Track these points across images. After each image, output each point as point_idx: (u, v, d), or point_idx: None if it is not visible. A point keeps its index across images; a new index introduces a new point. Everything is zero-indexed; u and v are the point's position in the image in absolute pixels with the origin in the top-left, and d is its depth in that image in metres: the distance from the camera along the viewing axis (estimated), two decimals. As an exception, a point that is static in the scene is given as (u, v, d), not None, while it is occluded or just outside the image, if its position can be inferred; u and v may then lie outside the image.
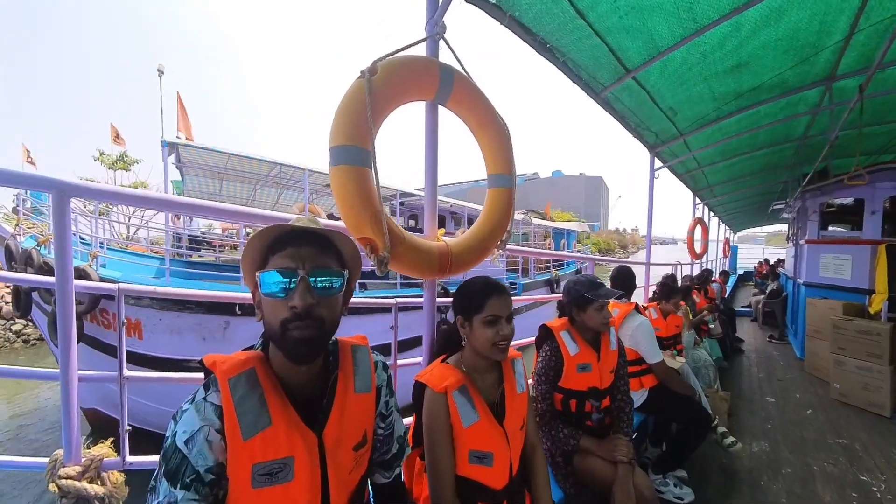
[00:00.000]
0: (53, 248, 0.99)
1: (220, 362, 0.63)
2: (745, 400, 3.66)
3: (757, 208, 9.89)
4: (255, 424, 0.59)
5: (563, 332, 1.61)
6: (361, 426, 0.71)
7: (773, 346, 5.66)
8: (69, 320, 1.02)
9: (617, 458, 1.40)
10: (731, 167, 5.30)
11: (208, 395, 0.60)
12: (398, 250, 1.23)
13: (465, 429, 1.03)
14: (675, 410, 2.16)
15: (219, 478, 0.57)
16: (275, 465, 0.59)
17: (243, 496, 0.58)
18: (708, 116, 3.24)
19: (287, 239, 0.65)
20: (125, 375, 1.23)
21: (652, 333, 2.16)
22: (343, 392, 0.70)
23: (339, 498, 0.66)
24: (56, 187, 0.97)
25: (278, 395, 0.63)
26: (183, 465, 0.55)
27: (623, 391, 1.64)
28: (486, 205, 1.56)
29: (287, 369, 0.66)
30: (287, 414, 0.62)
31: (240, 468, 0.57)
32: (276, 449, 0.60)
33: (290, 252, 0.64)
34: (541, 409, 1.53)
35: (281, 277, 0.62)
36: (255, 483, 0.58)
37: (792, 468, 2.50)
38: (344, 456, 0.67)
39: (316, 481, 0.63)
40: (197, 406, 0.59)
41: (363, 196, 1.14)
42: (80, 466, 1.05)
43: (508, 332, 1.04)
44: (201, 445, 0.56)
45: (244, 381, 0.62)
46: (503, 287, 1.10)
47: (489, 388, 1.13)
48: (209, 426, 0.57)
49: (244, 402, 0.60)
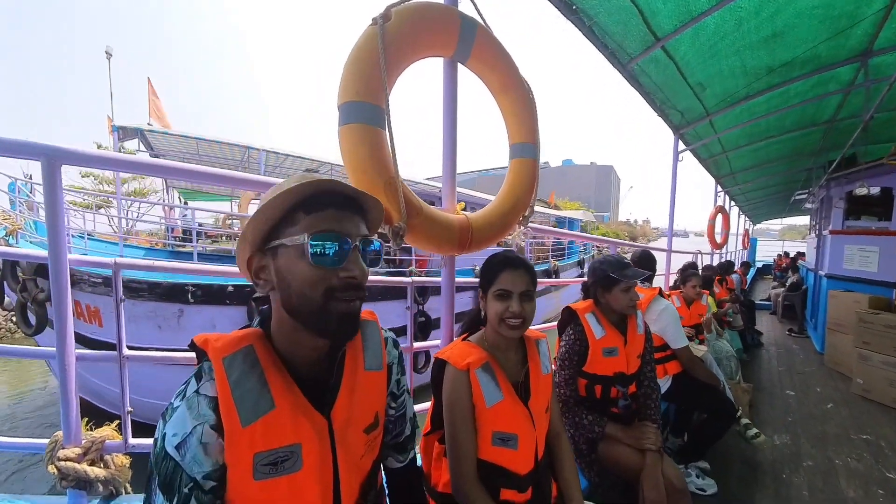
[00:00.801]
0: (45, 219, 0.96)
1: (212, 340, 0.57)
2: (765, 393, 3.66)
3: (779, 198, 9.76)
4: (256, 408, 0.53)
5: (587, 314, 1.57)
6: (372, 406, 0.67)
7: (793, 340, 5.64)
8: (64, 296, 0.99)
9: (645, 445, 1.38)
10: (756, 152, 5.19)
11: (201, 386, 0.54)
12: (415, 221, 1.17)
13: (489, 408, 0.99)
14: (700, 399, 2.14)
15: (222, 481, 0.52)
16: (280, 453, 0.54)
17: (245, 489, 0.52)
18: (737, 94, 3.15)
19: (322, 200, 0.58)
20: (125, 354, 1.20)
21: (677, 317, 2.14)
22: (352, 369, 0.65)
23: (350, 486, 0.62)
24: (45, 154, 0.93)
25: (281, 374, 0.58)
26: (177, 474, 0.49)
27: (650, 377, 1.61)
28: (508, 177, 1.50)
29: (292, 347, 0.60)
30: (292, 396, 0.57)
31: (239, 458, 0.52)
32: (281, 435, 0.54)
33: (334, 214, 0.58)
34: (564, 396, 1.50)
35: (338, 241, 0.57)
36: (258, 474, 0.52)
37: (813, 462, 2.51)
38: (354, 438, 0.63)
39: (327, 470, 0.59)
40: (189, 402, 0.52)
41: (377, 160, 1.08)
42: (80, 448, 1.03)
43: (518, 310, 1.00)
44: (195, 450, 0.50)
45: (241, 359, 0.56)
46: (522, 262, 1.05)
47: (513, 367, 1.09)
48: (203, 424, 0.51)
49: (242, 383, 0.54)
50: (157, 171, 1.26)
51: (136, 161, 1.13)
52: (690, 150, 4.06)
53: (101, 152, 1.08)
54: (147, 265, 1.40)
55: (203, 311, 4.28)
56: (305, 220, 0.57)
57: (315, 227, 0.57)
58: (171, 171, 1.31)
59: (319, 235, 0.56)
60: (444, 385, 1.03)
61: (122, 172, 6.74)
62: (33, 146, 0.94)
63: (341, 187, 0.59)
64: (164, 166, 1.26)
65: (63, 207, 0.98)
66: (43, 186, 0.94)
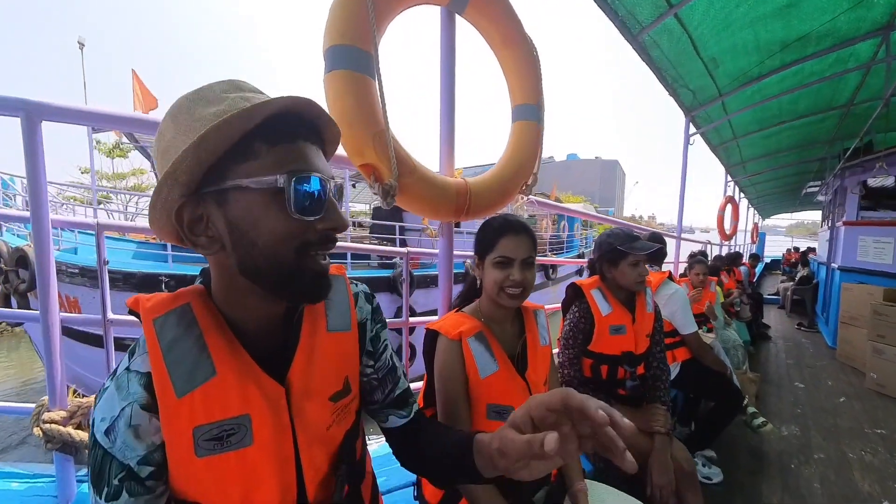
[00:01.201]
0: (27, 178, 0.93)
1: (143, 300, 0.49)
2: (773, 385, 3.62)
3: (790, 190, 9.67)
4: (192, 376, 0.45)
5: (593, 290, 1.50)
6: (340, 371, 0.58)
7: (802, 334, 5.59)
8: (47, 259, 0.97)
9: (654, 428, 1.32)
10: (768, 139, 5.10)
11: (132, 361, 0.47)
12: (407, 181, 1.11)
13: (483, 379, 0.93)
14: (708, 386, 2.10)
15: (162, 463, 0.45)
16: (225, 426, 0.46)
17: (188, 469, 0.45)
18: (750, 72, 3.06)
19: (287, 126, 0.47)
20: (109, 318, 1.17)
21: (687, 302, 2.09)
22: (310, 331, 0.56)
23: (315, 461, 0.54)
24: (24, 109, 0.89)
25: (224, 336, 0.49)
26: (106, 462, 0.43)
27: (659, 358, 1.55)
28: (510, 141, 1.43)
29: (241, 312, 0.51)
30: (237, 361, 0.48)
31: (177, 434, 0.44)
32: (225, 406, 0.46)
33: (303, 148, 0.47)
34: (567, 377, 1.43)
35: (320, 184, 0.47)
36: (200, 451, 0.45)
37: (825, 454, 2.47)
38: (316, 408, 0.54)
39: (285, 443, 0.51)
40: (118, 381, 0.46)
41: (364, 111, 1.01)
42: (65, 412, 1.04)
43: (520, 278, 0.93)
44: (125, 435, 0.43)
45: (175, 320, 0.48)
46: (523, 226, 0.98)
47: (509, 338, 1.03)
48: (132, 404, 0.44)
49: (176, 347, 0.46)
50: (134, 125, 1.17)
51: (117, 115, 1.06)
52: (701, 133, 3.97)
53: (81, 106, 1.03)
54: (128, 226, 1.37)
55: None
56: (270, 153, 0.45)
57: (290, 163, 0.45)
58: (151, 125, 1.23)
59: (301, 176, 0.45)
60: (436, 357, 0.97)
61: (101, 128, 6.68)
62: (11, 101, 0.90)
63: (317, 110, 0.49)
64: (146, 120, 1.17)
65: (44, 166, 0.95)
66: (23, 144, 0.91)
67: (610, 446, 0.38)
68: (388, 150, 1.04)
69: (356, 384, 0.62)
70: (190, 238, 0.47)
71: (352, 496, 0.60)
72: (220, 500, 0.47)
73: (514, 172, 1.39)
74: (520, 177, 1.40)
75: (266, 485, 0.49)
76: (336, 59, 0.99)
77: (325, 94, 1.03)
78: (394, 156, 1.05)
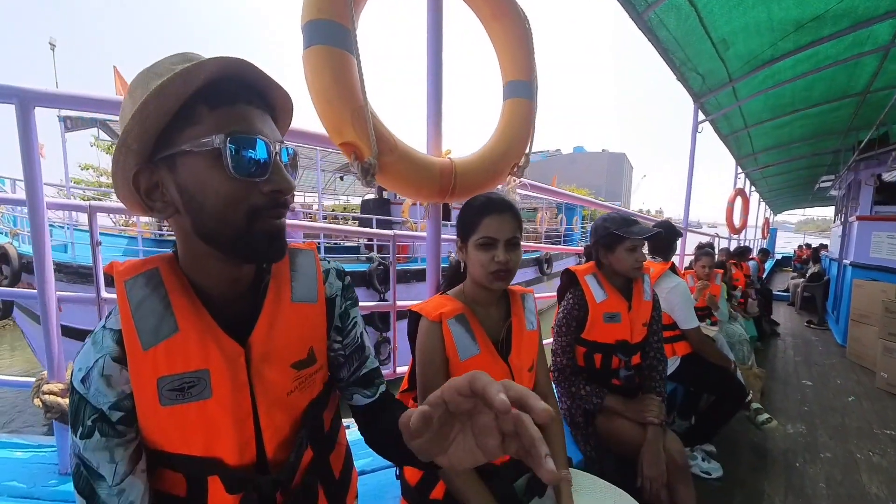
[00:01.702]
0: (21, 163, 0.99)
1: (118, 264, 0.54)
2: (780, 382, 3.59)
3: (802, 184, 9.55)
4: (157, 331, 0.50)
5: (588, 276, 1.47)
6: (304, 341, 0.61)
7: (812, 332, 5.54)
8: (43, 240, 1.04)
9: (647, 419, 1.29)
10: (780, 129, 5.01)
11: (107, 321, 0.52)
12: (388, 159, 1.10)
13: (463, 362, 0.92)
14: (709, 381, 2.06)
15: (131, 409, 0.50)
16: (185, 378, 0.51)
17: (153, 416, 0.50)
18: (762, 55, 2.98)
19: (228, 89, 0.48)
20: (103, 297, 1.27)
21: (688, 296, 2.04)
22: (274, 300, 0.59)
23: (274, 421, 0.57)
24: (17, 96, 0.94)
25: (188, 297, 0.53)
26: (81, 406, 0.48)
27: (656, 348, 1.52)
28: (501, 119, 1.39)
29: (207, 276, 0.55)
30: (199, 320, 0.52)
31: (143, 384, 0.49)
32: (186, 360, 0.51)
33: (244, 111, 0.49)
34: (560, 364, 1.41)
35: (260, 145, 0.48)
36: (164, 400, 0.50)
37: (832, 454, 2.44)
38: (276, 373, 0.57)
39: (243, 401, 0.54)
40: (94, 337, 0.51)
41: (343, 87, 1.01)
42: (63, 384, 1.12)
43: (505, 259, 0.91)
44: (98, 382, 0.48)
45: (143, 282, 0.52)
46: (507, 205, 0.95)
47: (494, 323, 1.01)
48: (104, 356, 0.49)
49: (143, 305, 0.51)
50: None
51: (107, 99, 1.06)
52: (710, 121, 3.89)
53: (74, 91, 1.06)
54: (118, 208, 1.43)
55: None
56: (211, 116, 0.47)
57: (229, 125, 0.47)
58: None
59: (240, 137, 0.47)
60: (417, 339, 0.96)
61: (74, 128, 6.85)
62: (4, 88, 0.95)
63: (253, 70, 0.49)
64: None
65: (38, 151, 1.00)
66: (17, 130, 0.97)
67: (529, 448, 0.34)
68: (368, 128, 1.03)
69: (323, 356, 0.64)
70: (147, 203, 0.51)
71: (318, 463, 0.64)
72: (183, 448, 0.52)
73: (504, 152, 1.35)
74: (510, 157, 1.36)
75: (225, 437, 0.53)
76: (314, 34, 0.99)
77: (304, 70, 1.03)
78: (373, 133, 1.04)
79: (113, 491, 0.49)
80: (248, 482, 0.55)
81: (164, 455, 0.52)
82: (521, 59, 1.35)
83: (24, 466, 1.20)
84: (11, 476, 1.14)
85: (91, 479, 0.48)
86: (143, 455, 0.52)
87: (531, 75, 1.37)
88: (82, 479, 0.49)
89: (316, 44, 0.99)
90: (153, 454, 0.52)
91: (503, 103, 1.40)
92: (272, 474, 0.57)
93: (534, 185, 1.65)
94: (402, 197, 8.83)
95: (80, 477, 0.49)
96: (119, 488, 0.49)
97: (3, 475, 1.15)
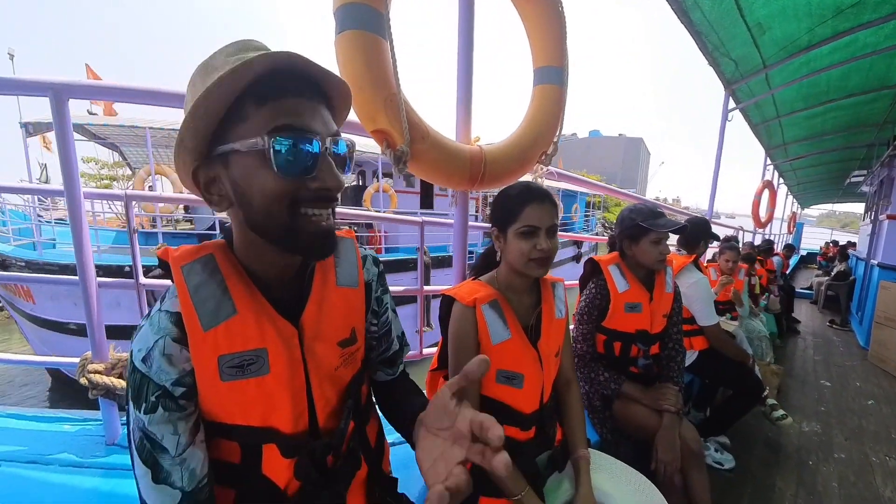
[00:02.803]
0: (58, 153, 1.07)
1: (172, 251, 0.57)
2: (798, 380, 3.65)
3: (832, 178, 9.41)
4: (216, 313, 0.54)
5: (611, 266, 1.54)
6: (348, 322, 0.68)
7: (834, 332, 5.56)
8: (81, 227, 1.12)
9: (663, 406, 1.37)
10: (813, 119, 4.96)
11: (164, 304, 0.56)
12: (420, 147, 1.14)
13: (494, 346, 1.00)
14: (726, 375, 2.13)
15: (192, 385, 0.54)
16: (245, 356, 0.56)
17: (214, 391, 0.55)
18: (799, 41, 2.96)
19: (275, 83, 0.50)
20: (141, 282, 1.40)
21: (709, 292, 2.09)
22: (321, 284, 0.65)
23: (324, 394, 0.64)
24: (52, 89, 1.01)
25: (243, 282, 0.58)
26: (144, 384, 0.52)
27: (675, 339, 1.59)
28: (531, 106, 1.44)
29: (260, 263, 0.59)
30: (255, 303, 0.57)
31: (204, 362, 0.54)
32: (245, 340, 0.56)
33: (294, 103, 0.50)
34: (580, 350, 1.49)
35: (305, 142, 0.50)
36: (224, 376, 0.54)
37: (847, 455, 2.51)
38: (326, 350, 0.64)
39: (297, 376, 0.60)
40: (151, 320, 0.54)
41: (376, 73, 1.03)
42: (107, 364, 1.25)
43: (547, 247, 0.98)
44: (159, 361, 0.52)
45: (200, 267, 0.56)
46: (546, 194, 1.02)
47: (524, 309, 1.09)
48: (164, 337, 0.53)
49: (201, 289, 0.55)
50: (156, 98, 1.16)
51: (138, 89, 1.12)
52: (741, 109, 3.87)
53: (106, 83, 1.13)
54: (154, 196, 1.56)
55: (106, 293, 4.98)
56: (258, 113, 0.49)
57: (276, 120, 0.49)
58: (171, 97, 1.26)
59: (282, 135, 0.49)
60: (451, 322, 1.04)
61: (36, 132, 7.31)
62: (39, 83, 1.02)
63: (302, 62, 0.50)
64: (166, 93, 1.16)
65: (73, 140, 1.08)
66: (53, 121, 1.04)
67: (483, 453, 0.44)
68: (400, 115, 1.06)
69: (362, 336, 0.72)
70: (206, 196, 0.56)
71: (358, 433, 0.71)
72: (241, 419, 0.57)
73: (534, 140, 1.40)
74: (539, 145, 1.42)
75: (281, 409, 0.59)
76: (347, 18, 1.00)
77: (336, 56, 1.04)
78: (405, 120, 1.07)
79: (176, 461, 0.53)
80: (302, 447, 0.61)
81: (222, 426, 0.57)
82: (552, 44, 1.39)
83: (73, 439, 1.32)
84: (62, 448, 1.26)
85: (154, 451, 0.52)
86: (201, 427, 0.57)
87: (563, 61, 1.40)
88: (146, 450, 0.52)
89: (349, 29, 1.00)
90: (210, 426, 0.57)
91: (533, 89, 1.45)
92: (323, 441, 0.64)
93: (561, 174, 1.70)
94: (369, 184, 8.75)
95: (144, 449, 0.52)
96: (181, 458, 0.53)
97: (54, 447, 1.26)
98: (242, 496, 0.61)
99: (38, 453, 1.22)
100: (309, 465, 0.62)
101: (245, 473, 0.60)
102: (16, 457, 1.21)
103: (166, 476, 0.52)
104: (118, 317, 4.69)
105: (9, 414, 1.44)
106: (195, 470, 0.54)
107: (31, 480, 1.12)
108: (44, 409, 1.52)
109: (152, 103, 1.13)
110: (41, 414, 1.46)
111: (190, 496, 0.54)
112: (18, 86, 1.05)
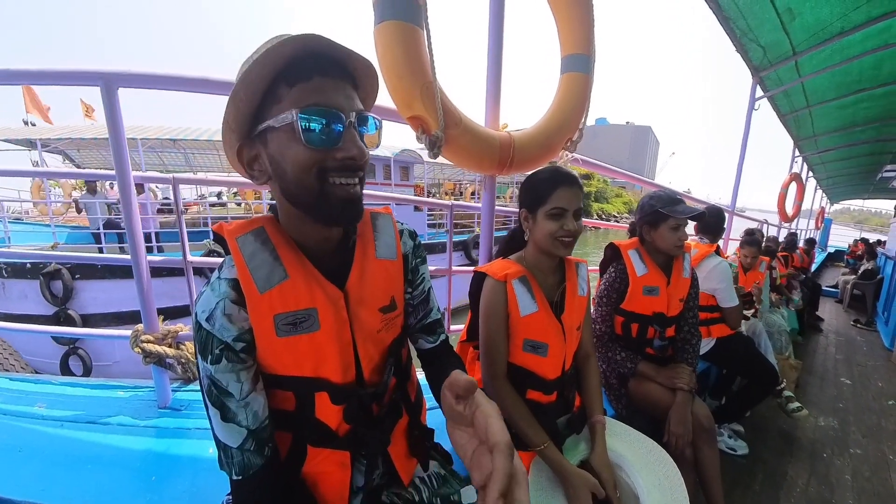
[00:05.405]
0: (110, 141, 1.18)
1: (226, 225, 0.67)
2: (817, 376, 3.75)
3: (864, 173, 9.34)
4: (270, 278, 0.63)
5: (631, 250, 1.66)
6: (388, 291, 0.77)
7: (858, 332, 5.62)
8: (132, 211, 1.27)
9: (677, 384, 1.50)
10: (844, 109, 4.96)
11: (221, 272, 0.65)
12: (453, 133, 1.25)
13: (522, 317, 1.15)
14: (742, 363, 2.25)
15: (251, 341, 0.64)
16: (298, 315, 0.65)
17: (271, 346, 0.64)
18: (831, 27, 3.00)
19: (305, 65, 0.58)
20: (189, 260, 1.57)
21: (730, 275, 2.19)
22: (362, 255, 0.75)
23: (368, 352, 0.74)
24: (103, 78, 1.11)
25: (292, 251, 0.67)
26: (209, 340, 0.61)
27: (691, 323, 1.71)
28: (558, 93, 1.55)
29: (303, 234, 0.68)
30: (303, 269, 0.66)
31: (262, 320, 0.63)
32: (297, 300, 0.65)
33: (319, 83, 0.59)
34: (599, 331, 1.63)
35: (329, 116, 0.58)
36: (280, 332, 0.64)
37: (863, 451, 2.59)
38: (369, 315, 0.73)
39: (345, 333, 0.70)
40: (212, 285, 0.64)
41: (413, 62, 1.12)
42: (158, 334, 1.44)
43: (573, 228, 1.11)
44: (221, 320, 0.61)
45: (252, 238, 0.65)
46: (574, 178, 1.15)
47: (550, 286, 1.23)
48: (224, 299, 0.62)
49: (255, 257, 0.64)
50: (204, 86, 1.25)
51: (189, 78, 1.22)
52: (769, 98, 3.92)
53: (156, 71, 1.23)
54: (198, 179, 1.65)
55: (16, 284, 5.33)
56: (290, 93, 0.58)
57: (303, 100, 0.57)
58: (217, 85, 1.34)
59: (309, 109, 0.57)
60: (483, 295, 1.18)
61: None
62: (90, 73, 1.12)
63: (327, 44, 0.58)
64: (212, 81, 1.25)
65: (123, 128, 1.19)
66: (104, 110, 1.14)
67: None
68: (436, 102, 1.16)
69: (401, 304, 0.82)
70: (249, 172, 0.66)
71: (399, 390, 0.83)
72: (295, 370, 0.67)
73: (560, 127, 1.52)
74: (565, 132, 1.53)
75: (331, 361, 0.69)
76: (386, 9, 1.08)
77: (375, 46, 1.12)
78: (440, 107, 1.17)
79: (240, 404, 0.63)
80: (351, 395, 0.72)
81: (277, 378, 0.67)
82: (580, 32, 1.49)
83: (127, 403, 1.48)
84: (118, 411, 1.42)
85: (221, 396, 0.62)
86: (260, 378, 0.66)
87: (590, 49, 1.51)
88: (213, 395, 0.62)
89: (388, 19, 1.07)
90: (267, 378, 0.67)
91: (560, 77, 1.56)
92: (369, 390, 0.74)
93: (585, 161, 1.82)
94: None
95: (212, 393, 0.63)
96: (245, 402, 0.63)
97: (110, 410, 1.42)
98: (300, 438, 0.72)
99: (95, 415, 1.39)
100: (357, 410, 0.73)
101: (300, 418, 0.70)
102: (75, 419, 1.37)
103: (233, 416, 0.63)
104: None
105: (67, 382, 1.62)
106: (257, 412, 0.65)
107: (90, 440, 1.27)
108: (99, 378, 1.71)
109: (203, 91, 1.23)
110: (96, 382, 1.64)
111: (254, 434, 0.64)
112: (70, 76, 1.16)
